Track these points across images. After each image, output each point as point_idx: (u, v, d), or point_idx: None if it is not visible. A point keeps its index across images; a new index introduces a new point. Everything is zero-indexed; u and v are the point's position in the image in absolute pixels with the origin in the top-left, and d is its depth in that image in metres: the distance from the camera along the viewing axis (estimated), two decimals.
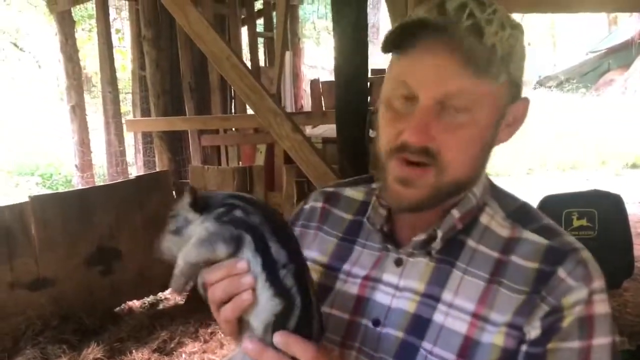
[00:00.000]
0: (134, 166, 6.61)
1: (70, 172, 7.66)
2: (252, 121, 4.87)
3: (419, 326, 0.75)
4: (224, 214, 0.70)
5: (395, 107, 0.75)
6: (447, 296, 0.75)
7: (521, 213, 0.81)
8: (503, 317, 0.72)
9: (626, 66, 13.58)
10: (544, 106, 11.24)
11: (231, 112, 6.17)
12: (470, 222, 0.80)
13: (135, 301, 4.07)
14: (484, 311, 0.73)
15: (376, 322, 0.79)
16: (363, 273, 0.82)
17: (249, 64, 5.67)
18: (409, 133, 0.72)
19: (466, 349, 0.72)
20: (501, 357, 0.71)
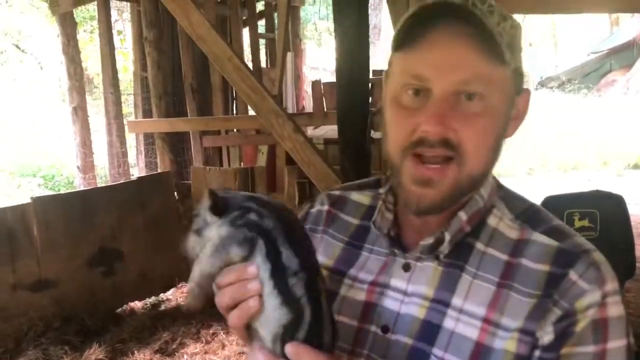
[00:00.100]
0: (135, 167, 6.61)
1: (72, 174, 7.67)
2: (254, 122, 4.87)
3: (429, 332, 0.74)
4: (238, 217, 0.69)
5: (405, 103, 0.73)
6: (457, 301, 0.74)
7: (530, 214, 0.79)
8: (515, 322, 0.70)
9: (628, 67, 13.57)
10: (545, 107, 11.23)
11: (233, 113, 6.17)
12: (478, 224, 0.78)
13: (137, 302, 4.08)
14: (495, 316, 0.71)
15: (385, 329, 0.77)
16: (370, 278, 0.81)
17: (251, 65, 5.67)
18: (428, 124, 0.70)
19: (478, 355, 0.71)
20: None
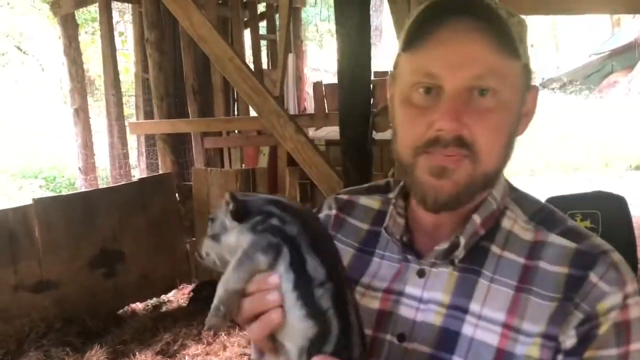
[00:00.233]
0: (137, 169, 6.61)
1: (73, 175, 7.68)
2: (255, 123, 4.87)
3: (448, 340, 0.72)
4: (259, 223, 0.66)
5: (416, 102, 0.72)
6: (475, 307, 0.72)
7: (544, 215, 0.78)
8: (536, 327, 0.69)
9: (630, 68, 13.54)
10: (547, 108, 11.22)
11: (234, 114, 6.17)
12: (492, 227, 0.76)
13: (138, 303, 4.08)
14: (515, 321, 0.70)
15: (401, 338, 0.74)
16: (384, 286, 0.78)
17: (252, 67, 5.67)
18: (443, 121, 0.68)
19: None
20: None
